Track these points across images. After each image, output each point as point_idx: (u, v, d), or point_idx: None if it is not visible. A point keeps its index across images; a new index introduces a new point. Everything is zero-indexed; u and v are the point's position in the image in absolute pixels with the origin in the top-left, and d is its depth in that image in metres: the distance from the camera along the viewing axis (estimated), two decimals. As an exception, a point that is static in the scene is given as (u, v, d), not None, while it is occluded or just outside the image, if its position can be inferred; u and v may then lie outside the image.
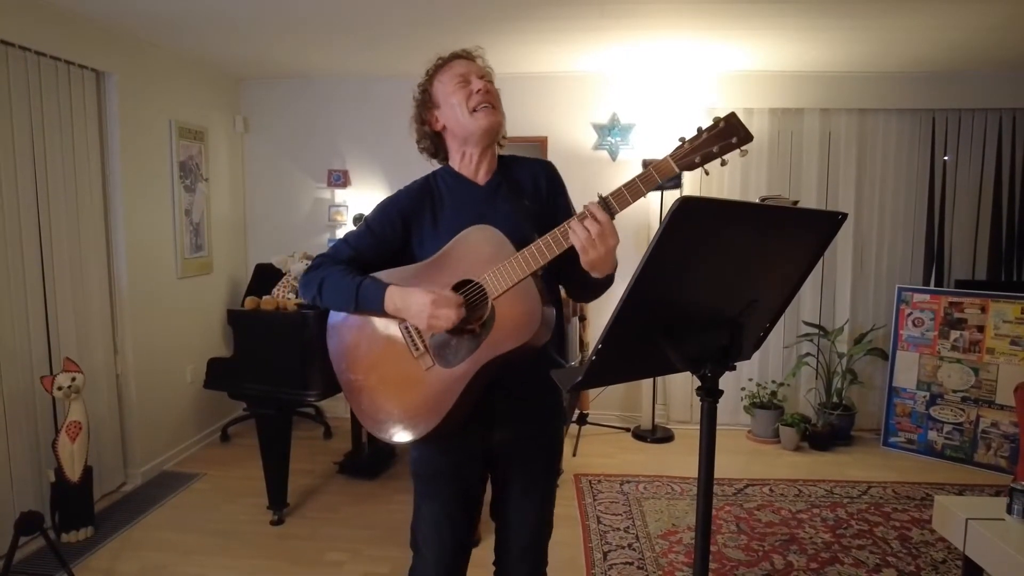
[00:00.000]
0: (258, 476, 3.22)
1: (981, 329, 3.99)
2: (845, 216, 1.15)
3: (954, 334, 4.07)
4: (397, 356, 1.53)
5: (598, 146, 4.49)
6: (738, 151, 1.26)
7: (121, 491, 3.53)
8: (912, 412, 4.18)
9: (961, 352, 4.04)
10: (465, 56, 1.62)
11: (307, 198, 4.76)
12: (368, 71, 4.46)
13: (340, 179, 4.62)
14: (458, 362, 1.45)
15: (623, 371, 1.26)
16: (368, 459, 3.80)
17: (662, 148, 5.16)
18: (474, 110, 1.53)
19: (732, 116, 1.25)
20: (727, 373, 1.13)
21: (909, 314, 4.24)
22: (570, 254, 1.35)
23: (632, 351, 1.11)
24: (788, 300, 1.25)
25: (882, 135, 4.42)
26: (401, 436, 1.54)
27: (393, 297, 1.48)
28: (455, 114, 1.55)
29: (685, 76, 4.36)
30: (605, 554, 2.87)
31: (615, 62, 4.19)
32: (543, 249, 1.36)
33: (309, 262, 4.18)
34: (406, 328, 1.52)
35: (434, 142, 1.64)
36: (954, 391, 4.04)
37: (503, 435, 1.58)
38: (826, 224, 1.15)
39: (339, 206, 4.64)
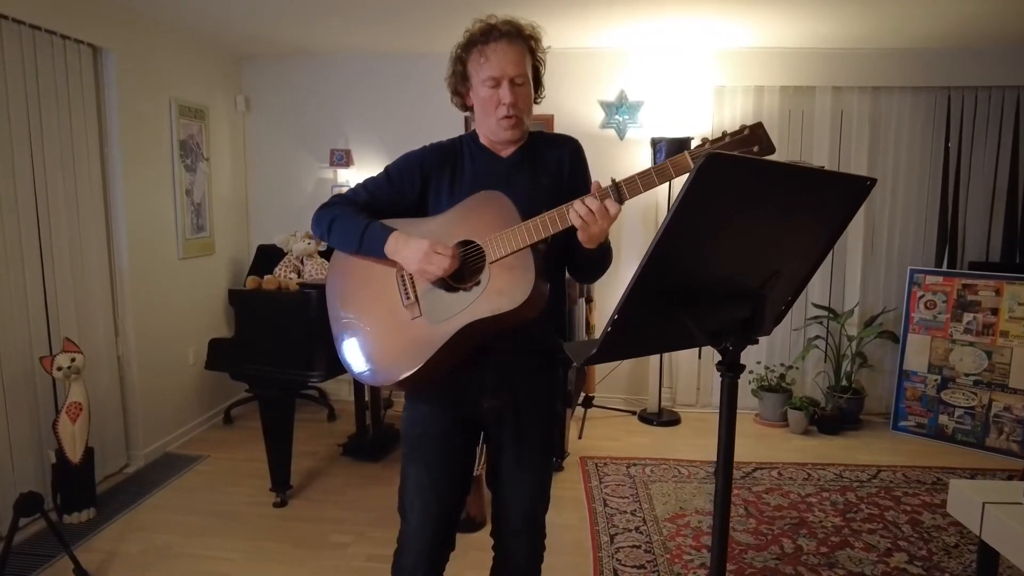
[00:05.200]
0: (261, 458, 3.18)
1: (995, 312, 3.92)
2: (874, 181, 1.10)
3: (967, 317, 4.00)
4: (388, 302, 1.56)
5: (605, 124, 4.40)
6: None
7: (124, 473, 3.51)
8: (923, 396, 4.12)
9: (974, 335, 3.98)
10: (506, 37, 1.50)
11: (309, 178, 4.69)
12: (371, 48, 4.38)
13: (343, 159, 4.55)
14: (444, 319, 1.47)
15: (639, 344, 1.21)
16: (372, 442, 3.77)
17: (670, 127, 5.05)
18: (499, 118, 1.53)
19: (759, 126, 1.26)
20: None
21: (921, 296, 4.17)
22: (572, 232, 1.38)
23: (649, 323, 1.06)
24: (811, 273, 1.21)
25: (895, 113, 4.31)
26: (375, 379, 1.59)
27: (396, 241, 1.51)
28: (481, 109, 1.56)
29: (695, 54, 4.25)
30: (612, 537, 2.84)
31: (624, 39, 4.10)
32: (547, 223, 1.39)
33: (311, 242, 4.08)
34: (401, 276, 1.55)
35: (465, 105, 1.65)
36: (966, 375, 3.98)
37: (492, 404, 1.58)
38: (854, 189, 1.09)
39: (342, 186, 4.57)
